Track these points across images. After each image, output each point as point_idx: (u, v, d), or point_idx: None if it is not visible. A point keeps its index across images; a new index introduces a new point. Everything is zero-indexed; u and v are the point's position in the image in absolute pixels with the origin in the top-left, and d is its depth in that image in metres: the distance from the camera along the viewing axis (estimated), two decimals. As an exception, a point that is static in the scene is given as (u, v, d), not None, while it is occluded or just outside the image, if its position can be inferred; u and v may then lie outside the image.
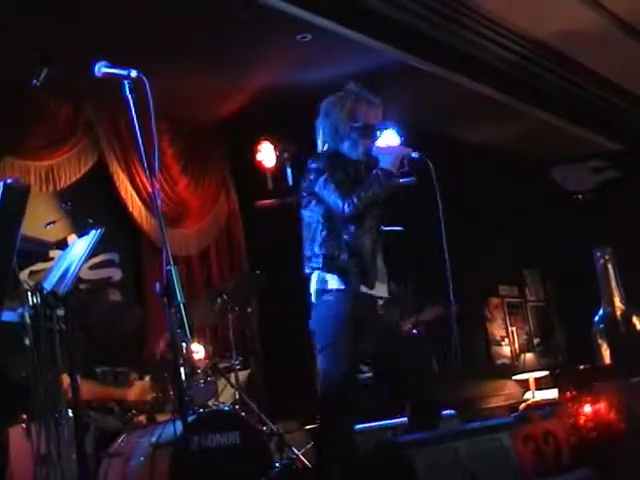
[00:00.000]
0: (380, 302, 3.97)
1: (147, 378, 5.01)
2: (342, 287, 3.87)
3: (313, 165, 4.01)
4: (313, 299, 4.05)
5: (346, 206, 3.81)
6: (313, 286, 4.01)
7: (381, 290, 3.99)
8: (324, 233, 3.91)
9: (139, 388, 4.99)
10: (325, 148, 4.11)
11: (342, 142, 4.05)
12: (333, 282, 3.91)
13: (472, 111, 7.68)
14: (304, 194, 4.01)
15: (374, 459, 3.54)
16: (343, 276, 3.85)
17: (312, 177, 3.96)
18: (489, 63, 7.01)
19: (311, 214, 3.97)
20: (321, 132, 4.19)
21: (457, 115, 7.78)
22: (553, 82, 7.73)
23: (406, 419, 4.09)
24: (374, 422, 5.39)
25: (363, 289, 3.88)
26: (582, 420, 3.30)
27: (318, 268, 3.95)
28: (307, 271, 4.05)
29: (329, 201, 3.87)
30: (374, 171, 3.91)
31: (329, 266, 3.89)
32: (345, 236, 3.87)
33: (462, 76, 7.00)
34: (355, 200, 3.82)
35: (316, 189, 3.93)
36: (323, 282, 3.94)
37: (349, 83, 4.24)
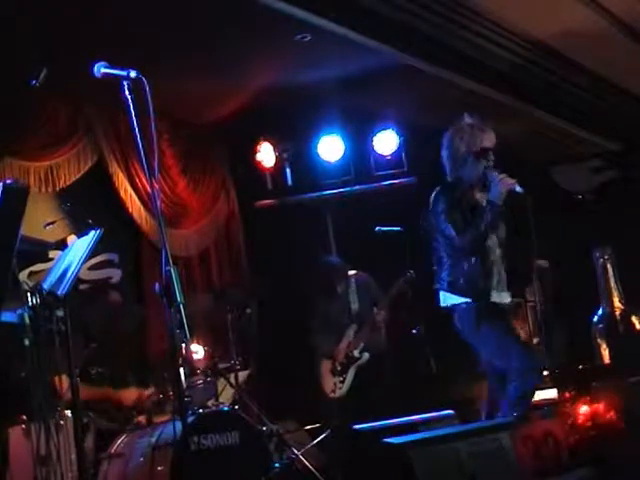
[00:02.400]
0: (506, 307, 4.63)
1: (151, 389, 5.01)
2: (461, 304, 4.47)
3: (439, 202, 4.50)
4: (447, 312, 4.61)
5: (461, 242, 4.40)
6: (444, 303, 4.58)
7: (504, 297, 4.59)
8: (448, 262, 4.49)
9: (136, 394, 4.99)
10: (449, 178, 4.60)
11: (462, 168, 4.54)
12: (453, 300, 4.50)
13: (471, 111, 7.67)
14: (430, 225, 4.56)
15: (375, 459, 3.54)
16: (464, 297, 4.45)
17: (437, 214, 4.49)
18: (489, 63, 7.01)
19: (437, 244, 4.54)
20: (445, 162, 4.66)
21: (456, 115, 7.77)
22: (553, 82, 7.72)
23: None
24: (374, 422, 5.39)
25: (493, 298, 4.50)
26: (581, 420, 3.31)
27: (444, 289, 4.53)
28: (436, 286, 4.61)
29: (448, 235, 4.43)
30: (484, 206, 4.43)
31: (452, 289, 4.49)
32: (465, 265, 4.44)
33: (461, 76, 6.99)
34: (467, 238, 4.39)
35: (439, 225, 4.47)
36: (448, 300, 4.53)
37: (464, 116, 4.79)
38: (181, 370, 3.31)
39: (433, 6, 6.04)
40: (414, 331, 6.24)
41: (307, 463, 5.18)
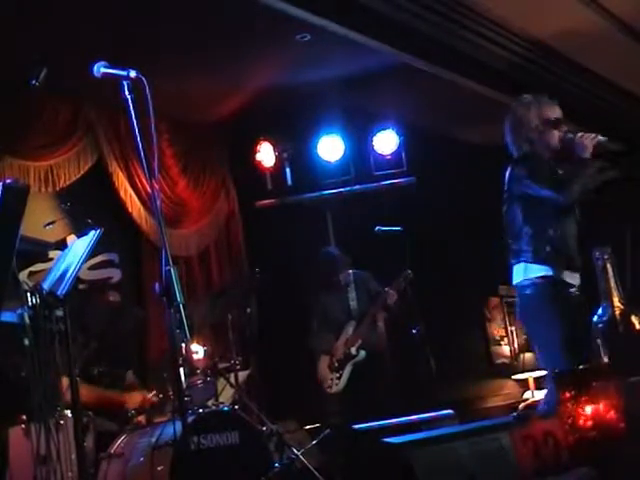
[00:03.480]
0: (573, 289, 4.38)
1: (153, 392, 5.00)
2: (546, 274, 4.26)
3: (516, 171, 4.37)
4: (518, 290, 4.45)
5: (562, 198, 4.26)
6: (518, 277, 4.38)
7: (575, 278, 4.39)
8: (530, 232, 4.31)
9: (140, 397, 4.99)
10: (521, 152, 4.45)
11: (535, 141, 4.41)
12: (538, 271, 4.28)
13: (471, 111, 7.68)
14: (508, 195, 4.39)
15: (374, 459, 3.54)
16: (548, 265, 4.26)
17: (517, 180, 4.34)
18: (489, 63, 7.01)
19: (514, 214, 4.36)
20: (514, 138, 4.50)
21: (456, 115, 7.78)
22: (553, 82, 7.72)
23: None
24: (374, 422, 5.39)
25: (565, 276, 4.30)
26: (581, 420, 3.30)
27: (525, 261, 4.33)
28: (512, 262, 4.42)
29: (542, 196, 4.27)
30: (577, 164, 4.32)
31: (535, 258, 4.29)
32: (550, 231, 4.30)
33: (461, 76, 7.00)
34: (569, 191, 4.26)
35: (525, 190, 4.31)
36: (528, 271, 4.31)
37: (523, 96, 4.59)
38: (181, 370, 3.31)
39: (433, 6, 6.04)
40: (414, 331, 6.24)
41: (307, 463, 5.17)
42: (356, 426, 5.15)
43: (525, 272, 4.33)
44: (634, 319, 3.85)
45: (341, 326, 6.45)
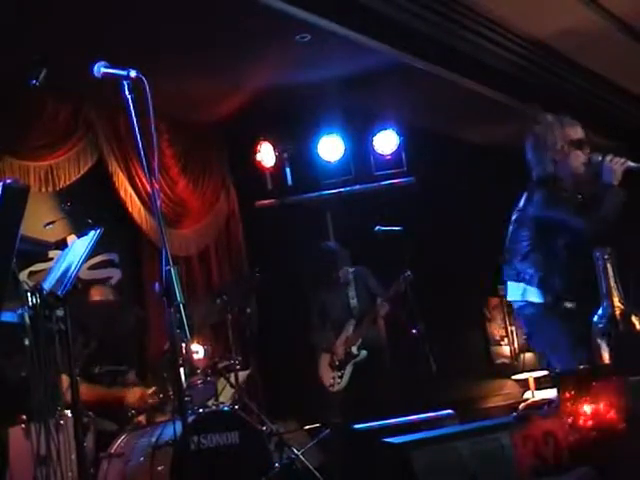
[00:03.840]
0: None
1: (152, 389, 5.01)
2: (546, 302, 4.21)
3: (537, 193, 4.30)
4: (517, 309, 4.38)
5: (586, 226, 4.14)
6: (515, 296, 4.32)
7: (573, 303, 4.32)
8: (539, 257, 4.23)
9: (139, 393, 4.99)
10: (543, 173, 4.37)
11: (559, 163, 4.32)
12: (538, 296, 4.23)
13: (472, 111, 7.68)
14: (520, 216, 4.36)
15: (375, 459, 3.54)
16: (551, 295, 4.20)
17: (537, 203, 4.28)
18: (489, 63, 7.01)
19: (523, 236, 4.29)
20: (538, 159, 4.42)
21: (456, 115, 7.79)
22: (553, 82, 7.72)
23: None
24: (374, 422, 5.39)
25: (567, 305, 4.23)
26: (581, 420, 3.30)
27: (527, 283, 4.26)
28: (509, 279, 4.35)
29: (566, 222, 4.18)
30: (600, 189, 4.21)
31: (539, 284, 4.22)
32: (560, 260, 4.22)
33: (461, 76, 7.00)
34: (592, 219, 4.15)
35: (545, 214, 4.24)
36: (528, 294, 4.26)
37: (545, 116, 4.54)
38: (181, 370, 3.31)
39: (433, 6, 6.04)
40: (414, 331, 6.24)
41: (307, 463, 5.18)
42: (356, 426, 5.15)
43: (524, 294, 4.30)
44: (634, 319, 3.85)
45: (341, 324, 6.46)
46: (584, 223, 4.14)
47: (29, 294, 3.41)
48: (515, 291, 4.33)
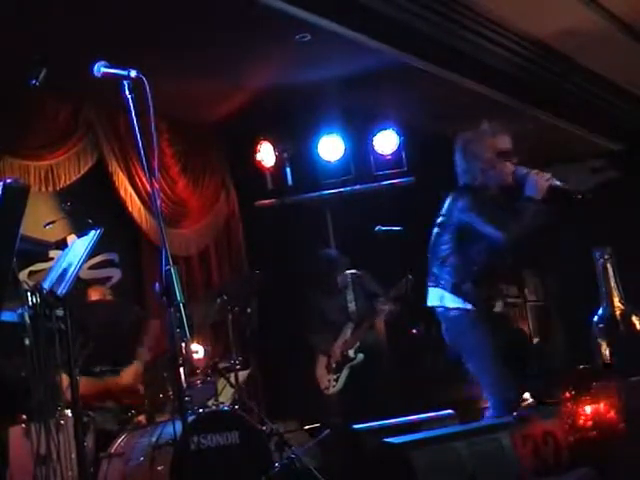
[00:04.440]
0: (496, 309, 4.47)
1: (136, 362, 5.03)
2: (464, 307, 4.30)
3: (461, 200, 4.38)
4: (437, 313, 4.46)
5: (502, 237, 4.22)
6: (435, 301, 4.41)
7: (498, 306, 4.48)
8: (455, 262, 4.32)
9: (132, 372, 5.01)
10: (471, 182, 4.45)
11: (487, 172, 4.41)
12: (454, 302, 4.32)
13: (472, 111, 7.66)
14: (444, 221, 4.42)
15: (375, 459, 3.54)
16: (465, 300, 4.29)
17: (461, 210, 4.34)
18: (489, 63, 7.01)
19: (445, 241, 4.37)
20: (466, 167, 4.51)
21: (456, 115, 7.77)
22: (553, 82, 7.72)
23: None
24: (374, 422, 5.39)
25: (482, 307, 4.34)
26: (581, 420, 3.30)
27: (443, 288, 4.36)
28: (430, 284, 4.44)
29: (483, 231, 4.25)
30: (522, 202, 4.29)
31: (453, 290, 4.32)
32: (475, 267, 4.31)
33: (461, 76, 7.00)
34: (510, 231, 4.22)
35: (466, 221, 4.30)
36: (445, 300, 4.36)
37: (483, 123, 4.66)
38: (181, 370, 3.31)
39: (433, 6, 6.04)
40: (414, 331, 6.25)
41: (307, 463, 5.17)
42: (356, 426, 5.14)
43: (442, 299, 4.38)
44: (634, 319, 3.85)
45: (339, 327, 6.46)
46: (501, 233, 4.20)
47: (29, 294, 3.41)
48: (434, 296, 4.41)
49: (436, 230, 4.44)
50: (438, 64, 6.71)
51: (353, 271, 6.64)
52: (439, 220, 4.44)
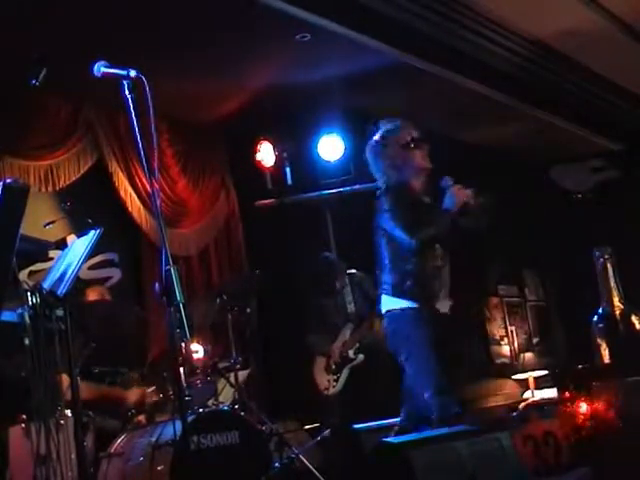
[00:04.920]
0: (443, 318, 4.43)
1: (152, 388, 5.02)
2: (409, 306, 4.33)
3: (380, 202, 4.47)
4: (385, 319, 4.50)
5: (412, 241, 4.28)
6: (384, 307, 4.45)
7: (445, 306, 4.44)
8: (389, 265, 4.40)
9: (140, 392, 5.00)
10: (388, 182, 4.52)
11: (400, 167, 4.49)
12: (398, 303, 4.36)
13: (472, 111, 7.68)
14: (375, 225, 4.50)
15: (374, 459, 3.54)
16: (409, 299, 4.32)
17: (380, 213, 4.45)
18: (489, 63, 7.01)
19: (379, 244, 4.47)
20: (378, 167, 4.58)
21: (457, 115, 7.79)
22: (553, 82, 7.72)
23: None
24: (374, 422, 5.39)
25: (429, 306, 4.36)
26: (581, 419, 3.31)
27: (386, 293, 4.42)
28: (379, 291, 4.52)
29: (396, 236, 4.34)
30: (440, 210, 4.38)
31: (394, 292, 4.37)
32: (408, 266, 4.33)
33: (462, 76, 7.00)
34: (421, 235, 4.28)
35: (383, 224, 4.41)
36: (389, 303, 4.41)
37: (382, 123, 4.69)
38: (181, 370, 3.31)
39: (433, 6, 6.04)
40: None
41: (307, 463, 5.17)
42: (356, 426, 5.15)
43: (386, 304, 4.42)
44: (634, 319, 3.86)
45: (338, 328, 6.45)
46: (409, 238, 4.27)
47: (29, 294, 3.41)
48: (383, 303, 4.44)
49: (374, 237, 4.51)
50: (438, 64, 6.71)
51: (352, 271, 6.64)
52: (374, 225, 4.51)
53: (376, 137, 4.58)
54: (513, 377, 8.92)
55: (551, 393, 7.24)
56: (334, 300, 6.56)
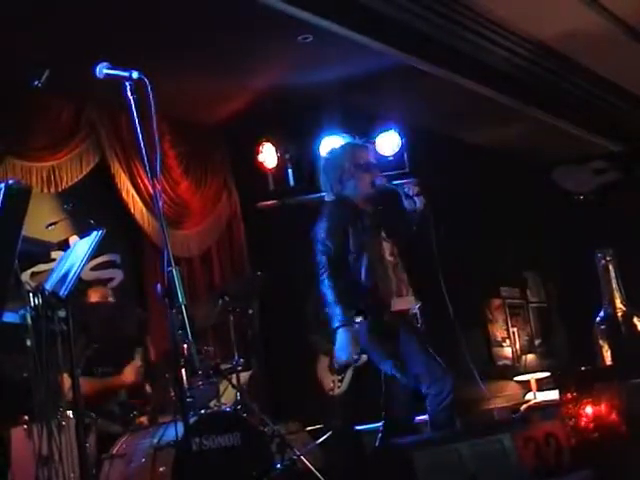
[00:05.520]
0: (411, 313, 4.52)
1: (137, 357, 5.04)
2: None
3: (322, 220, 4.60)
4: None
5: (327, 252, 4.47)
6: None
7: (409, 301, 4.53)
8: (328, 277, 4.44)
9: (132, 369, 5.03)
10: (332, 194, 4.62)
11: (346, 184, 4.56)
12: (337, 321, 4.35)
13: (473, 112, 7.68)
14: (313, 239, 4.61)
15: (376, 459, 3.54)
16: (353, 308, 4.34)
17: (318, 230, 4.59)
18: (490, 64, 7.01)
19: (318, 257, 4.58)
20: (326, 179, 4.67)
21: (458, 116, 7.79)
22: (555, 83, 7.72)
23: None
24: (376, 424, 5.39)
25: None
26: (583, 421, 3.30)
27: (330, 309, 4.41)
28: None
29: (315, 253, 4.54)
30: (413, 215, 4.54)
31: (340, 304, 4.37)
32: (353, 273, 4.42)
33: (463, 77, 7.00)
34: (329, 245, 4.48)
35: (320, 238, 4.55)
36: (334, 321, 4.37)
37: (343, 137, 4.86)
38: (183, 371, 3.31)
39: (435, 7, 6.04)
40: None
41: (309, 464, 5.17)
42: (358, 427, 5.15)
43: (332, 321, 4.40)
44: (636, 320, 3.85)
45: None
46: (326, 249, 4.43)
47: (31, 295, 3.42)
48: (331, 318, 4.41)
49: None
50: (440, 65, 6.72)
51: None
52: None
53: (334, 149, 4.77)
54: (515, 379, 8.91)
55: (553, 395, 7.22)
56: None
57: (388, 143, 7.33)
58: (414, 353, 4.39)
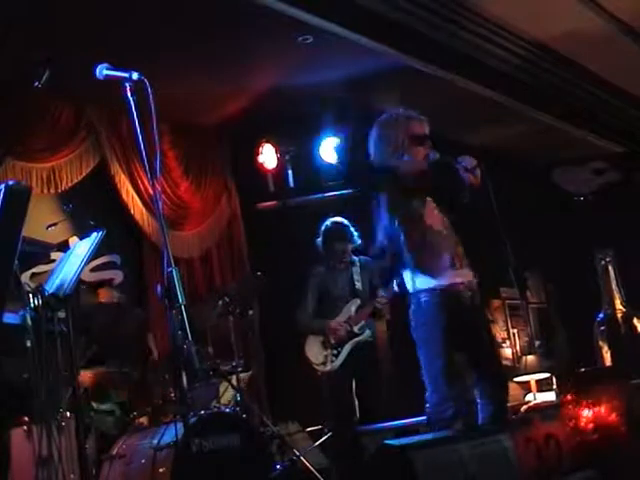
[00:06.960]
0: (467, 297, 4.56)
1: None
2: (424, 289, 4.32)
3: (383, 197, 4.35)
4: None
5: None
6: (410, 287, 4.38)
7: (465, 274, 4.57)
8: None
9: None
10: (383, 166, 4.42)
11: (400, 156, 4.38)
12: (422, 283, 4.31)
13: (473, 113, 7.68)
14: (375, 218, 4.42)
15: (376, 461, 3.54)
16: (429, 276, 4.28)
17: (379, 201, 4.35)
18: (490, 65, 7.01)
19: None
20: (379, 150, 4.46)
21: (458, 117, 7.78)
22: (554, 84, 7.72)
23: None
24: (376, 423, 5.39)
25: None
26: (583, 422, 3.30)
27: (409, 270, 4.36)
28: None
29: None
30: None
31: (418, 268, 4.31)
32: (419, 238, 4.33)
33: (463, 78, 7.00)
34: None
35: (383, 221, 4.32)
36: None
37: (397, 109, 4.55)
38: (183, 372, 3.31)
39: (435, 8, 6.04)
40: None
41: (308, 465, 5.18)
42: (358, 428, 5.14)
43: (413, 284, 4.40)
44: (636, 321, 3.85)
45: (342, 303, 6.16)
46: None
47: (31, 296, 3.42)
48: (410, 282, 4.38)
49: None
50: (440, 66, 6.72)
51: (363, 256, 6.42)
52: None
53: (387, 118, 4.51)
54: (515, 380, 8.90)
55: (553, 396, 7.23)
56: (339, 273, 6.28)
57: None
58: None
